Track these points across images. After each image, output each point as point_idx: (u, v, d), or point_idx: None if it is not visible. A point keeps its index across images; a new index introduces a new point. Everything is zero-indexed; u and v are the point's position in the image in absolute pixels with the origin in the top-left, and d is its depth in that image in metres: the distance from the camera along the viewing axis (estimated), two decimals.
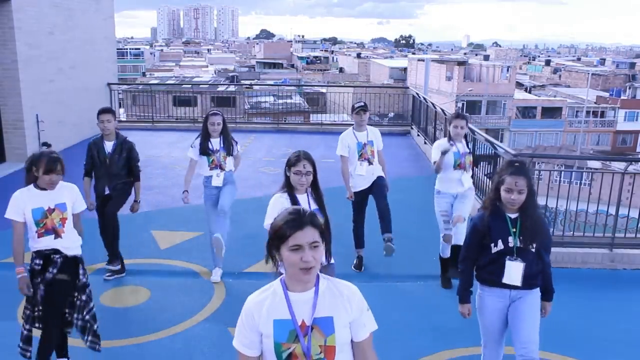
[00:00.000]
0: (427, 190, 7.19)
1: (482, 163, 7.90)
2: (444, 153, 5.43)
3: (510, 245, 3.44)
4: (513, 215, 3.46)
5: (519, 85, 56.39)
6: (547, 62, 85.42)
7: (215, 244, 5.50)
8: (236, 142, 5.90)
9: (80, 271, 3.98)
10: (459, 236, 5.35)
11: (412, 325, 4.96)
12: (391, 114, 21.26)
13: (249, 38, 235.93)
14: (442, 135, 10.76)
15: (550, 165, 17.83)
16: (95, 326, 4.07)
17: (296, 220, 2.13)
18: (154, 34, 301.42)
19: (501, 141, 39.59)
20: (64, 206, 3.89)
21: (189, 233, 7.04)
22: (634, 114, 49.36)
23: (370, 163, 5.90)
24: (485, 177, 7.66)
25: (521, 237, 3.43)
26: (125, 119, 15.89)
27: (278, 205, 3.74)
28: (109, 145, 5.58)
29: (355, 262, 6.28)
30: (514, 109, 46.25)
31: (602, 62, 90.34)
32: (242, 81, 47.03)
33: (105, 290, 5.43)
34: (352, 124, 6.14)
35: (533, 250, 3.47)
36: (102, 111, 5.53)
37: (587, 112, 45.38)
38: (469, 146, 5.82)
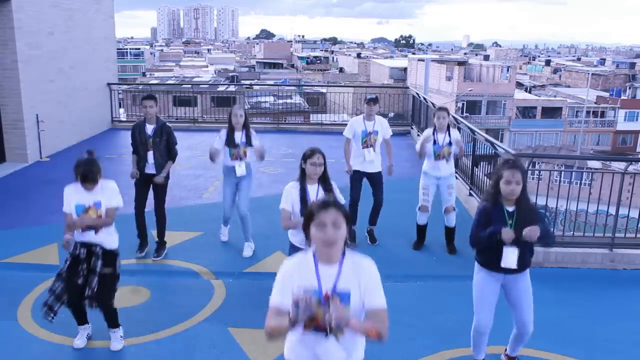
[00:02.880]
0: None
1: (482, 163, 7.90)
2: (421, 153, 6.49)
3: None
4: (510, 208, 3.93)
5: (519, 85, 56.39)
6: (547, 62, 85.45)
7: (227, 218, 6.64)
8: (256, 133, 6.53)
9: (118, 263, 4.54)
10: (451, 221, 6.60)
11: (412, 325, 4.96)
12: (391, 114, 21.24)
13: (249, 38, 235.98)
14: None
15: (550, 165, 17.86)
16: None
17: (323, 203, 2.58)
18: (154, 34, 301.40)
19: (501, 141, 39.60)
20: (99, 204, 4.38)
21: (189, 233, 7.04)
22: (634, 114, 49.35)
23: (374, 150, 6.63)
24: (485, 177, 7.66)
25: (517, 228, 3.85)
26: (125, 119, 15.87)
27: (290, 192, 4.50)
28: (149, 128, 6.20)
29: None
30: (514, 109, 46.25)
31: (602, 62, 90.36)
32: (242, 81, 46.97)
33: None
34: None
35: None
36: (146, 97, 6.20)
37: (587, 112, 45.37)
38: (450, 135, 6.42)
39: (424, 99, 13.05)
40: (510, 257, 3.94)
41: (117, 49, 24.63)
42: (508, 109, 45.69)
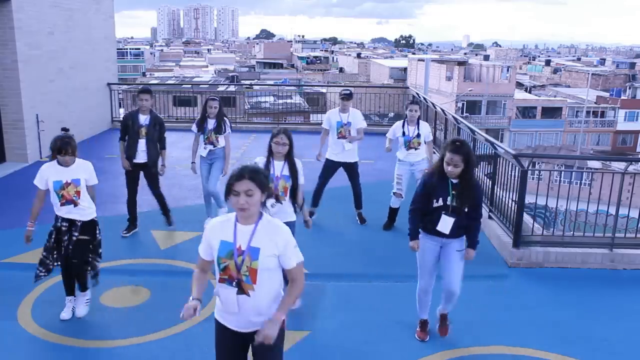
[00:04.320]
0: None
1: (482, 163, 7.90)
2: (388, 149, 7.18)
3: (448, 203, 4.33)
4: (454, 181, 4.32)
5: (519, 85, 56.37)
6: (547, 62, 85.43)
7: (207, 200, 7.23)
8: (229, 125, 7.11)
9: (97, 231, 4.95)
10: None
11: (412, 325, 4.95)
12: (391, 114, 21.26)
13: (249, 38, 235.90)
14: (442, 135, 10.79)
15: (550, 165, 17.85)
16: (98, 268, 5.03)
17: (238, 174, 2.91)
18: (154, 34, 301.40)
19: (501, 141, 39.59)
20: (78, 181, 4.77)
21: (189, 233, 7.04)
22: (634, 114, 49.33)
23: (345, 140, 7.15)
24: (486, 177, 7.66)
25: (457, 199, 4.30)
26: None
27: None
28: (142, 118, 6.64)
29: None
30: (514, 109, 46.24)
31: (602, 62, 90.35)
32: (242, 81, 46.99)
33: (106, 290, 5.43)
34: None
35: (465, 210, 4.34)
36: (142, 91, 6.69)
37: (587, 112, 45.37)
38: (419, 128, 6.99)
39: (424, 99, 13.04)
40: (445, 223, 4.36)
41: (117, 49, 24.61)
42: (508, 109, 45.68)
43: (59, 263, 4.90)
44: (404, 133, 6.99)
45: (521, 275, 6.04)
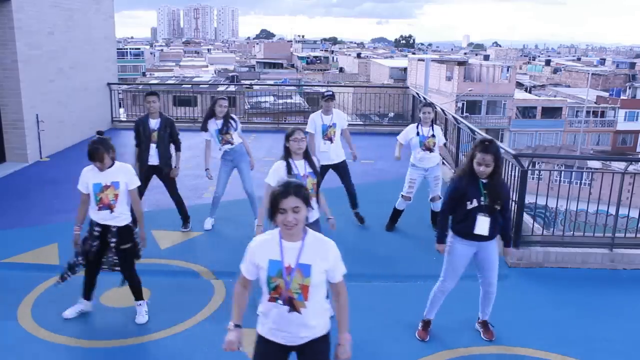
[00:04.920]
0: (427, 190, 7.21)
1: None
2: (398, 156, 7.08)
3: (482, 203, 4.34)
4: (484, 181, 4.33)
5: (519, 85, 56.36)
6: (547, 62, 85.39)
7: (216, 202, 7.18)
8: (236, 122, 7.02)
9: (134, 235, 4.88)
10: (437, 207, 6.93)
11: (412, 325, 4.95)
12: (391, 114, 21.25)
13: (249, 38, 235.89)
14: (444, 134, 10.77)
15: (550, 165, 17.86)
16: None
17: (283, 191, 2.84)
18: (154, 34, 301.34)
19: (501, 141, 39.60)
20: (118, 184, 4.70)
21: (189, 233, 7.04)
22: (634, 114, 49.32)
23: (332, 142, 7.11)
24: None
25: (489, 198, 4.32)
26: (125, 119, 15.86)
27: (277, 170, 4.79)
28: (153, 123, 6.67)
29: None
30: (514, 109, 46.24)
31: (602, 62, 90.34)
32: (242, 81, 46.96)
33: (106, 290, 5.43)
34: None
35: (498, 208, 4.36)
36: (149, 94, 6.71)
37: (587, 112, 45.37)
38: (434, 129, 6.96)
39: (424, 99, 13.03)
40: (482, 224, 4.35)
41: (117, 49, 24.62)
42: (508, 109, 45.67)
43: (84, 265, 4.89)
44: (418, 134, 6.93)
45: (521, 275, 6.04)
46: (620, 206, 6.50)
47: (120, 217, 4.75)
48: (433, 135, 6.91)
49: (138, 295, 4.98)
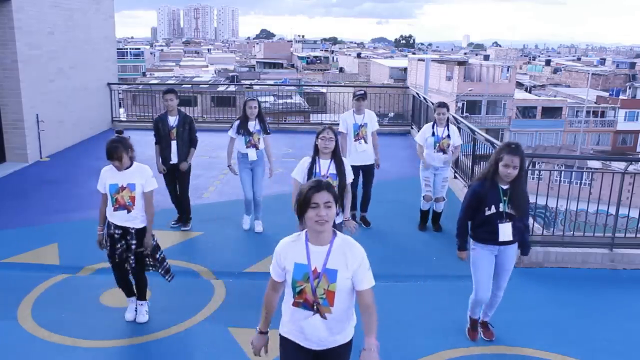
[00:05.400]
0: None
1: (482, 163, 7.89)
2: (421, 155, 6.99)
3: (501, 210, 4.25)
4: (505, 187, 4.24)
5: (519, 85, 56.36)
6: (547, 62, 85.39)
7: (249, 204, 7.07)
8: (267, 125, 6.99)
9: (153, 238, 4.83)
10: (440, 208, 7.15)
11: (412, 325, 4.96)
12: (391, 114, 21.25)
13: (249, 38, 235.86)
14: None
15: (550, 165, 17.86)
16: (167, 265, 5.03)
17: (316, 185, 2.78)
18: (154, 33, 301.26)
19: (501, 141, 39.50)
20: (134, 186, 4.61)
21: (189, 233, 7.04)
22: (634, 113, 49.32)
23: (365, 142, 7.03)
24: None
25: (509, 205, 4.23)
26: (125, 119, 15.87)
27: (302, 164, 4.91)
28: (172, 120, 6.75)
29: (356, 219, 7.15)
30: (514, 109, 46.23)
31: (602, 62, 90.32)
32: (242, 81, 46.95)
33: (106, 290, 5.43)
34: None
35: (517, 215, 4.27)
36: (167, 92, 6.74)
37: (587, 112, 45.36)
38: (449, 130, 6.94)
39: (424, 98, 13.03)
40: (506, 231, 4.29)
41: (117, 49, 24.62)
42: (508, 109, 45.66)
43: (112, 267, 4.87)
44: (433, 134, 6.91)
45: (521, 275, 6.03)
46: (620, 206, 6.50)
47: (138, 219, 4.68)
48: (448, 136, 6.91)
49: (142, 296, 4.97)
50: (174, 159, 6.80)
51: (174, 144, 6.75)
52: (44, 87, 10.94)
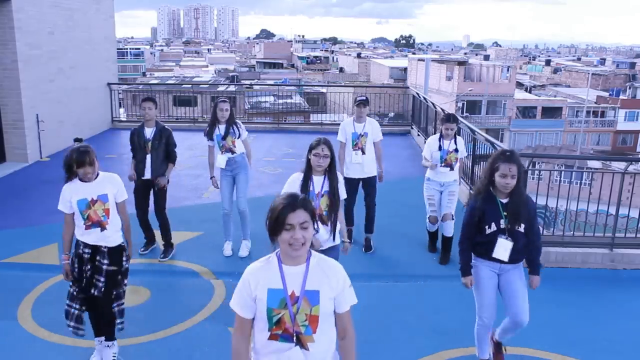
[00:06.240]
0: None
1: (482, 163, 7.89)
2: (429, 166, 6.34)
3: (502, 226, 3.87)
4: (504, 200, 3.86)
5: (519, 85, 56.36)
6: (547, 62, 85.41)
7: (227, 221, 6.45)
8: (243, 128, 6.38)
9: (124, 259, 4.25)
10: (449, 230, 6.25)
11: (412, 325, 4.95)
12: (391, 114, 21.26)
13: (249, 38, 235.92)
14: None
15: (550, 165, 17.86)
16: (123, 305, 4.31)
17: (290, 203, 2.43)
18: (154, 33, 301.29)
19: (501, 141, 39.56)
20: (106, 197, 4.12)
21: (189, 233, 7.04)
22: (634, 113, 49.32)
23: (363, 152, 6.44)
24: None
25: (510, 220, 3.84)
26: (125, 119, 15.87)
27: (293, 182, 4.30)
28: (148, 132, 6.15)
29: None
30: (514, 109, 46.23)
31: (602, 62, 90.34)
32: (242, 81, 46.99)
33: None
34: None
35: (522, 230, 3.88)
36: (145, 99, 6.15)
37: (587, 112, 45.36)
38: (457, 143, 6.35)
39: (424, 98, 13.05)
40: (502, 249, 3.89)
41: (117, 49, 24.63)
42: (508, 109, 45.67)
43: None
44: (440, 147, 6.28)
45: None
46: (620, 206, 6.50)
47: (112, 237, 4.15)
48: (456, 150, 6.30)
49: (110, 332, 4.22)
50: (147, 174, 6.16)
51: (148, 158, 6.11)
52: (44, 87, 10.94)
